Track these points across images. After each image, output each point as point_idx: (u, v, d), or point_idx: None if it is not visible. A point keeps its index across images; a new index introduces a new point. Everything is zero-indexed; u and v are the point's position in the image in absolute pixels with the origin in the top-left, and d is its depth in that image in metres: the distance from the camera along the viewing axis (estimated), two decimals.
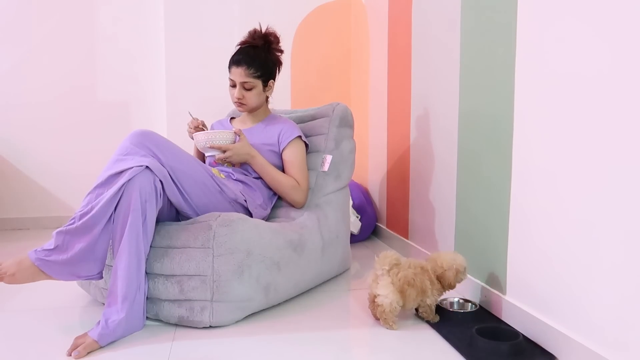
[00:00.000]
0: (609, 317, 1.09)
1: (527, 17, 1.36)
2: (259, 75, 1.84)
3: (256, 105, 1.92)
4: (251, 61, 1.82)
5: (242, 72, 1.82)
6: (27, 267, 1.35)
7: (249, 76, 1.83)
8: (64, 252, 1.36)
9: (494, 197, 1.54)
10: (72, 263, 1.37)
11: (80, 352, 1.27)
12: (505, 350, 1.25)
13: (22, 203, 3.06)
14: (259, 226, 1.58)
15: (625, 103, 1.04)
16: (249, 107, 1.90)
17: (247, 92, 1.86)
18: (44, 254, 1.36)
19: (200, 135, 1.78)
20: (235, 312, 1.50)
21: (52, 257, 1.36)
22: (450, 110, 1.83)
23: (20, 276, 1.35)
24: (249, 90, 1.86)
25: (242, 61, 1.83)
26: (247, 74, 1.82)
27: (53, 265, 1.36)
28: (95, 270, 1.41)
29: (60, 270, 1.38)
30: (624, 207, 1.04)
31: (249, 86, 1.85)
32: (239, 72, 1.83)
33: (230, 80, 1.87)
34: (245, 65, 1.82)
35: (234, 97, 1.88)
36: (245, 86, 1.85)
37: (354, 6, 3.11)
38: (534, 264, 1.34)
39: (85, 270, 1.39)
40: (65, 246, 1.36)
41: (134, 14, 3.07)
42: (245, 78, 1.83)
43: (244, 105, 1.89)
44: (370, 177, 2.83)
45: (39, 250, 1.37)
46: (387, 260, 1.46)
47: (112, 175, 1.40)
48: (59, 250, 1.36)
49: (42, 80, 3.01)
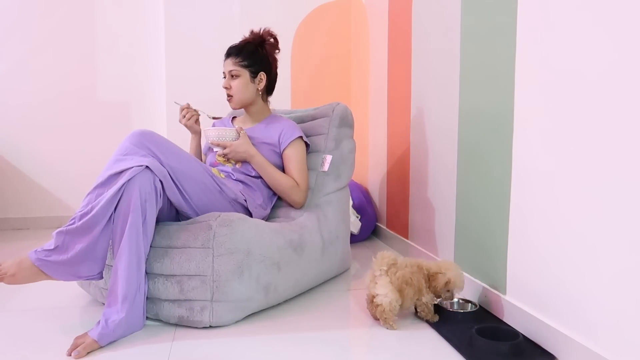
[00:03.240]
0: (609, 317, 1.09)
1: (528, 17, 1.36)
2: (245, 64, 1.87)
3: (244, 97, 1.91)
4: (238, 51, 1.89)
5: (229, 61, 1.88)
6: (28, 267, 1.35)
7: (236, 64, 1.87)
8: (64, 252, 1.36)
9: (494, 197, 1.54)
10: (73, 263, 1.37)
11: (80, 352, 1.27)
12: (505, 350, 1.25)
13: (22, 203, 3.06)
14: (259, 226, 1.58)
15: (625, 102, 1.04)
16: (235, 98, 1.90)
17: (233, 80, 1.88)
18: (44, 254, 1.36)
19: (211, 132, 1.84)
20: (235, 312, 1.50)
21: (52, 258, 1.36)
22: (450, 110, 1.83)
23: (20, 276, 1.35)
24: (236, 79, 1.88)
25: (231, 52, 1.90)
26: (233, 62, 1.87)
27: (53, 266, 1.36)
28: (96, 270, 1.41)
29: (61, 270, 1.37)
30: (624, 208, 1.04)
31: (235, 73, 1.87)
32: (227, 63, 1.89)
33: (223, 74, 1.92)
34: (232, 55, 1.88)
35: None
36: (232, 74, 1.88)
37: (354, 6, 3.11)
38: (533, 264, 1.34)
39: (85, 270, 1.39)
40: (65, 246, 1.36)
41: (134, 13, 3.07)
42: (231, 67, 1.87)
43: (231, 97, 1.90)
44: (370, 177, 2.83)
45: (39, 250, 1.36)
46: (384, 260, 1.47)
47: (112, 175, 1.40)
48: (59, 251, 1.36)
49: (42, 80, 3.01)
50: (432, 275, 1.50)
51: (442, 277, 1.48)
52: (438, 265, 1.51)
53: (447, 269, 1.49)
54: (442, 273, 1.49)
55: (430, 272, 1.50)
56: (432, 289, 1.50)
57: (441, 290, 1.49)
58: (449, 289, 1.49)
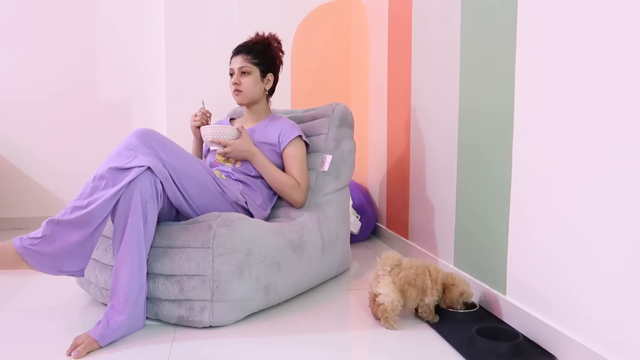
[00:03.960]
0: (609, 317, 1.09)
1: (528, 16, 1.36)
2: (257, 62, 1.90)
3: (253, 95, 1.92)
4: (250, 49, 1.91)
5: (240, 58, 1.90)
6: (10, 254, 1.30)
7: (247, 61, 1.89)
8: (51, 243, 1.32)
9: (494, 197, 1.54)
10: (57, 256, 1.33)
11: (80, 351, 1.27)
12: (505, 350, 1.26)
13: (21, 202, 3.06)
14: (259, 226, 1.58)
15: (626, 102, 1.04)
16: (245, 95, 1.91)
17: (243, 77, 1.89)
18: (29, 242, 1.31)
19: (207, 129, 1.82)
20: (235, 312, 1.50)
21: (37, 247, 1.31)
22: (450, 110, 1.83)
23: (1, 262, 1.30)
24: (246, 76, 1.89)
25: (241, 49, 1.91)
26: (245, 59, 1.89)
27: (36, 256, 1.31)
28: (79, 267, 1.37)
29: (43, 261, 1.32)
30: (624, 208, 1.04)
31: (246, 70, 1.89)
32: (237, 60, 1.90)
33: (230, 70, 1.93)
34: (244, 52, 1.90)
35: (231, 86, 1.91)
36: (242, 70, 1.89)
37: (354, 6, 3.11)
38: (534, 264, 1.35)
39: (69, 265, 1.35)
40: (53, 237, 1.32)
41: (134, 13, 3.07)
42: (242, 63, 1.89)
43: (241, 93, 1.90)
44: (370, 177, 2.83)
45: (24, 238, 1.32)
46: (388, 261, 1.47)
47: (112, 168, 1.37)
48: (46, 241, 1.31)
49: (42, 79, 3.01)
50: (447, 287, 1.51)
51: (456, 289, 1.50)
52: (452, 277, 1.52)
53: (460, 282, 1.51)
54: (455, 285, 1.51)
55: (447, 283, 1.51)
56: (449, 301, 1.51)
57: (456, 302, 1.51)
58: (464, 301, 1.52)
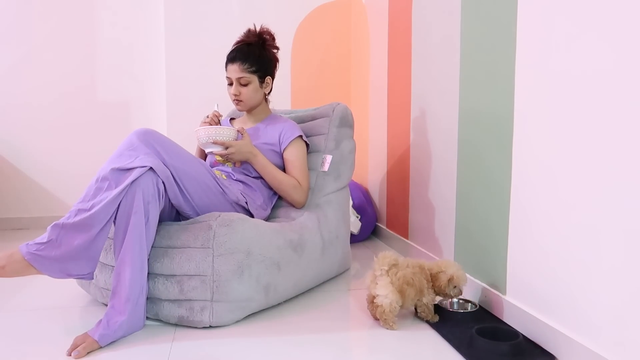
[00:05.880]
0: (609, 317, 1.09)
1: (528, 15, 1.36)
2: (254, 70, 1.84)
3: (254, 102, 1.91)
4: (245, 57, 1.83)
5: (237, 68, 1.83)
6: (17, 260, 1.32)
7: (244, 71, 1.83)
8: (57, 247, 1.33)
9: (494, 197, 1.54)
10: (64, 260, 1.34)
11: (80, 351, 1.27)
12: (505, 350, 1.25)
13: (22, 203, 3.06)
14: (259, 226, 1.58)
15: (626, 102, 1.04)
16: (246, 104, 1.89)
17: (243, 87, 1.85)
18: (35, 247, 1.33)
19: (202, 131, 1.75)
20: (235, 312, 1.50)
21: (44, 252, 1.32)
22: (450, 110, 1.83)
23: (9, 269, 1.32)
24: (245, 86, 1.85)
25: (236, 57, 1.84)
26: (241, 69, 1.82)
27: (44, 261, 1.33)
28: (87, 270, 1.38)
29: (51, 265, 1.34)
30: (625, 207, 1.04)
31: (245, 81, 1.84)
32: (234, 69, 1.84)
33: (227, 79, 1.87)
34: (239, 61, 1.83)
35: (231, 95, 1.88)
36: (241, 82, 1.84)
37: (354, 6, 3.11)
38: (534, 264, 1.34)
39: (76, 268, 1.36)
40: (59, 241, 1.33)
41: (134, 14, 3.07)
42: (240, 74, 1.83)
43: (242, 102, 1.88)
44: (370, 177, 2.83)
45: (30, 244, 1.33)
46: (385, 260, 1.47)
47: (115, 169, 1.38)
48: (52, 245, 1.33)
49: (42, 80, 3.01)
50: (434, 275, 1.50)
51: (443, 275, 1.48)
52: (438, 265, 1.52)
53: (447, 267, 1.50)
54: (442, 271, 1.49)
55: (432, 272, 1.50)
56: (437, 289, 1.50)
57: (446, 288, 1.49)
58: (455, 285, 1.50)
